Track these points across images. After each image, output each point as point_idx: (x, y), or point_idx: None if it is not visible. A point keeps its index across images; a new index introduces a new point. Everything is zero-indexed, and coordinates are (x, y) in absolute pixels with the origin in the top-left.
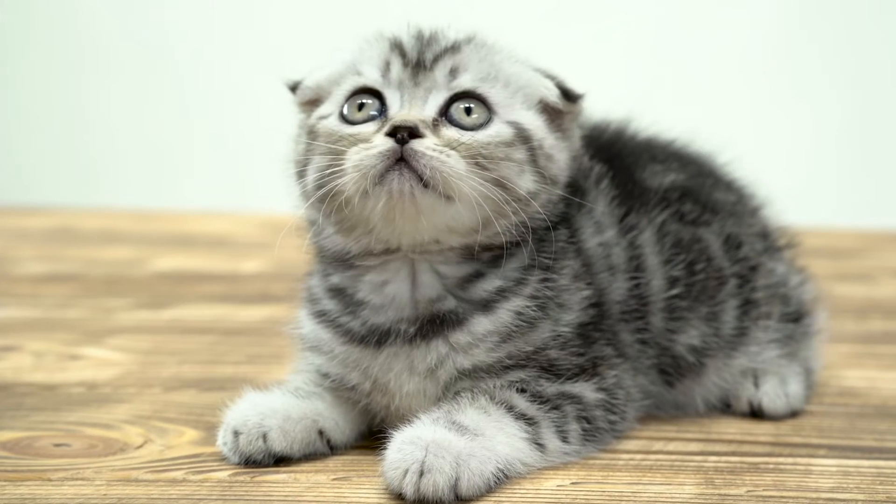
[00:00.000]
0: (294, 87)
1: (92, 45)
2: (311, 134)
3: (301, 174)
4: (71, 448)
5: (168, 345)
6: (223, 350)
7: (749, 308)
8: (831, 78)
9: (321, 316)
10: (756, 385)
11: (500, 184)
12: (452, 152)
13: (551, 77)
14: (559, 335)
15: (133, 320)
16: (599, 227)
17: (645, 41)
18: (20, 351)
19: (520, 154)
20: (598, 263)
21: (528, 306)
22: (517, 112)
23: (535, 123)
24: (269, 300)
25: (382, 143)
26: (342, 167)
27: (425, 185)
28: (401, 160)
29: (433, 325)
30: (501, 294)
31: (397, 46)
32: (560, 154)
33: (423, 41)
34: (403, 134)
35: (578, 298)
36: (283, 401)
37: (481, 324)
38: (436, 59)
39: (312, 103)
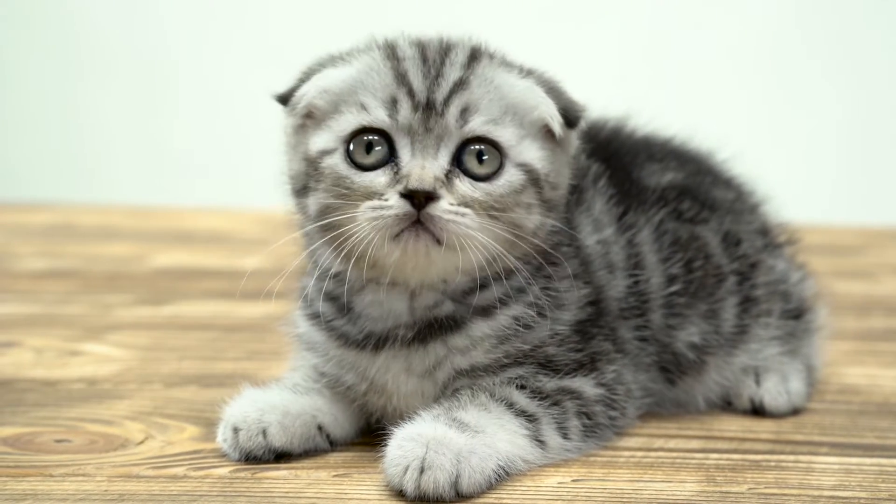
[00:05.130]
0: (283, 100)
1: (90, 43)
2: (311, 163)
3: (299, 194)
4: (72, 444)
5: (168, 341)
6: (223, 346)
7: (749, 305)
8: (831, 73)
9: (316, 318)
10: (757, 382)
11: (509, 229)
12: (468, 210)
13: (555, 91)
14: (557, 333)
15: (133, 316)
16: (598, 226)
17: (643, 36)
18: (20, 347)
19: (529, 197)
20: (596, 261)
21: (527, 312)
22: (526, 150)
23: (541, 155)
24: (269, 296)
25: (399, 206)
26: (353, 215)
27: (439, 243)
28: (417, 221)
29: (431, 329)
30: (502, 302)
31: (403, 79)
32: (562, 176)
33: (430, 72)
34: (420, 199)
35: (576, 297)
36: (281, 397)
37: (480, 328)
38: (446, 102)
39: (306, 115)
